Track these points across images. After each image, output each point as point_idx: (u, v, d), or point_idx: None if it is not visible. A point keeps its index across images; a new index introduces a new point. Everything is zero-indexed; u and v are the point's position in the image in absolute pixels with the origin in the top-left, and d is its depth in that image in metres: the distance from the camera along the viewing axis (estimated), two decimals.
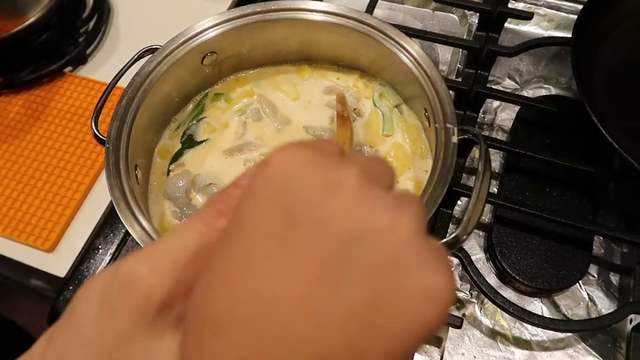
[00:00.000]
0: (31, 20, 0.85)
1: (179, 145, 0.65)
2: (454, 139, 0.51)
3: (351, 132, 0.59)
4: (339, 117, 0.60)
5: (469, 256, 0.64)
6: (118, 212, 0.49)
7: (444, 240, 0.46)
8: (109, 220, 0.74)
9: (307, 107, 0.67)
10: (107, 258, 0.70)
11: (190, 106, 0.67)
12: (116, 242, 0.72)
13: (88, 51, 0.92)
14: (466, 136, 0.53)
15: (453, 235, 0.46)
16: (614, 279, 0.69)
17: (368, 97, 0.67)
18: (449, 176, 0.48)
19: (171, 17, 0.95)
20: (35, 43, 0.88)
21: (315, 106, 0.67)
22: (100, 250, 0.71)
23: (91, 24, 0.94)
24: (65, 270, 0.70)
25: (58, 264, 0.70)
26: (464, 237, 0.46)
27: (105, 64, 0.91)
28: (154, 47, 0.61)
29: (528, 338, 0.66)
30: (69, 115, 0.84)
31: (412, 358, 0.57)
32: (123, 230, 0.72)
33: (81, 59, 0.91)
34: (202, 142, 0.65)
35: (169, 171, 0.63)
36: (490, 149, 0.57)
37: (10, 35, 0.84)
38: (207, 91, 0.68)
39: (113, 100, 0.77)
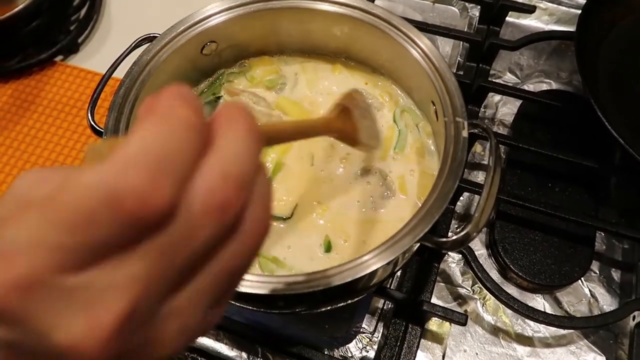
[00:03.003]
0: (20, 7, 0.82)
1: None
2: (464, 133, 0.50)
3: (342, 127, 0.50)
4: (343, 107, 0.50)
5: (473, 252, 0.63)
6: None
7: (455, 237, 0.45)
8: None
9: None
10: None
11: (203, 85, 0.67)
12: None
13: (79, 40, 0.89)
14: (475, 130, 0.52)
15: (464, 232, 0.45)
16: (616, 275, 0.69)
17: (390, 111, 0.65)
18: (460, 171, 0.47)
19: (165, 5, 0.93)
20: (24, 31, 0.85)
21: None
22: None
23: (82, 11, 0.92)
24: None
25: None
26: (475, 233, 0.45)
27: (97, 54, 0.89)
28: (151, 35, 0.59)
29: (530, 334, 0.65)
30: (60, 106, 0.82)
31: None
32: None
33: (72, 48, 0.88)
34: None
35: None
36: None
37: None
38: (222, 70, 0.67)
39: (106, 90, 0.75)
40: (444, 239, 0.46)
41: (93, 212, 0.20)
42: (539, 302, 0.67)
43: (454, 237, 0.45)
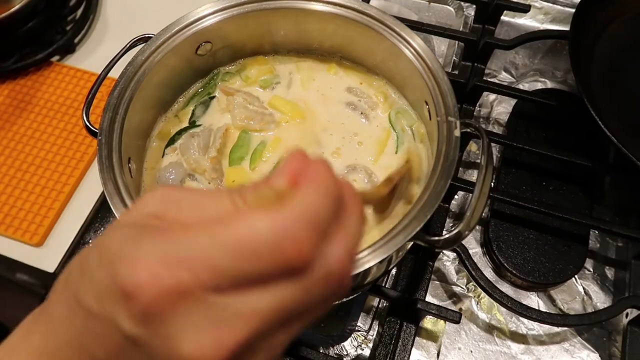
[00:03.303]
0: (16, 7, 0.82)
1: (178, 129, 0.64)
2: (457, 133, 0.50)
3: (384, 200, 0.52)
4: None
5: (467, 250, 0.64)
6: (112, 207, 0.48)
7: (447, 235, 0.46)
8: (100, 214, 0.72)
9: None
10: None
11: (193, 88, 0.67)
12: None
13: (76, 40, 0.89)
14: (468, 130, 0.52)
15: (456, 230, 0.45)
16: (609, 273, 0.69)
17: (384, 112, 0.65)
18: (452, 170, 0.47)
19: (161, 6, 0.93)
20: (20, 31, 0.85)
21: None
22: (90, 245, 0.69)
23: (79, 12, 0.92)
24: (55, 265, 0.68)
25: (47, 258, 0.69)
26: (467, 232, 0.46)
27: (94, 54, 0.89)
28: (146, 35, 0.60)
29: (524, 332, 0.66)
30: (56, 106, 0.82)
31: None
32: None
33: (69, 48, 0.88)
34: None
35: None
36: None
37: None
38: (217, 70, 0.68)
39: (102, 90, 0.75)
40: (437, 238, 0.46)
41: (260, 249, 0.25)
42: (533, 300, 0.68)
43: (447, 236, 0.46)
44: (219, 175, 0.60)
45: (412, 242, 0.48)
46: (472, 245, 0.71)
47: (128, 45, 0.60)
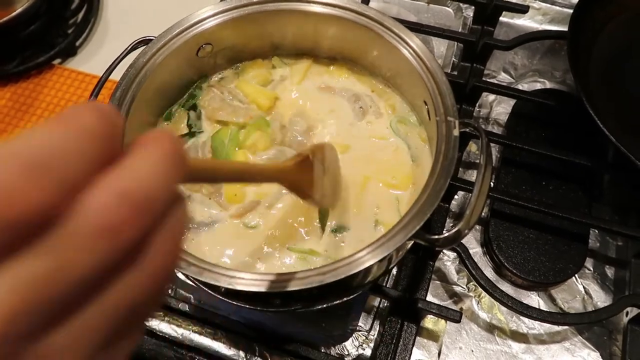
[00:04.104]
0: (18, 10, 0.82)
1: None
2: (456, 132, 0.50)
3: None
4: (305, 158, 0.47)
5: (467, 250, 0.64)
6: None
7: (447, 234, 0.46)
8: None
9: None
10: None
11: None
12: None
13: (77, 43, 0.90)
14: (467, 129, 0.52)
15: (455, 229, 0.45)
16: (609, 272, 0.70)
17: (385, 109, 0.65)
18: (451, 169, 0.48)
19: (161, 8, 0.93)
20: (22, 34, 0.86)
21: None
22: None
23: (80, 15, 0.92)
24: None
25: None
26: (466, 231, 0.46)
27: (95, 56, 0.89)
28: (147, 38, 0.60)
29: (525, 331, 0.66)
30: (58, 109, 0.82)
31: None
32: None
33: (70, 51, 0.89)
34: None
35: None
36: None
37: None
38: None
39: (104, 93, 0.75)
40: (436, 236, 0.47)
41: None
42: (534, 299, 0.68)
43: (446, 234, 0.46)
44: (217, 189, 0.59)
45: (412, 241, 0.49)
46: (473, 244, 0.72)
47: (129, 48, 0.61)
